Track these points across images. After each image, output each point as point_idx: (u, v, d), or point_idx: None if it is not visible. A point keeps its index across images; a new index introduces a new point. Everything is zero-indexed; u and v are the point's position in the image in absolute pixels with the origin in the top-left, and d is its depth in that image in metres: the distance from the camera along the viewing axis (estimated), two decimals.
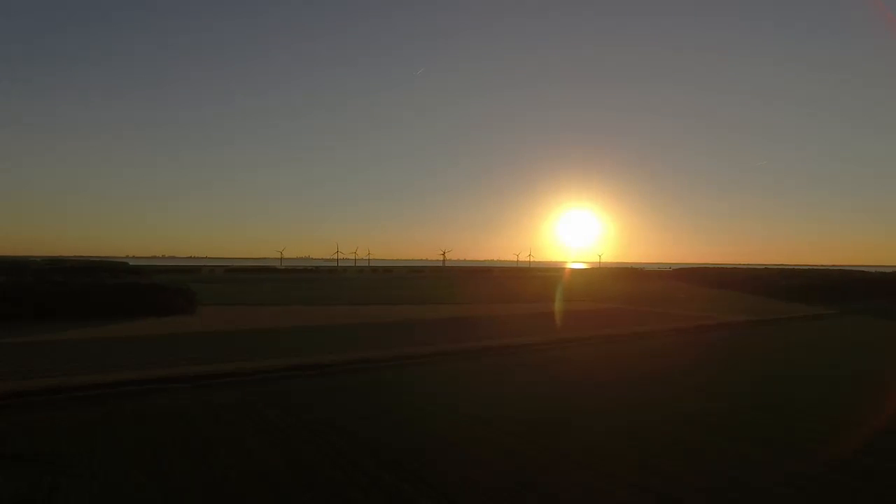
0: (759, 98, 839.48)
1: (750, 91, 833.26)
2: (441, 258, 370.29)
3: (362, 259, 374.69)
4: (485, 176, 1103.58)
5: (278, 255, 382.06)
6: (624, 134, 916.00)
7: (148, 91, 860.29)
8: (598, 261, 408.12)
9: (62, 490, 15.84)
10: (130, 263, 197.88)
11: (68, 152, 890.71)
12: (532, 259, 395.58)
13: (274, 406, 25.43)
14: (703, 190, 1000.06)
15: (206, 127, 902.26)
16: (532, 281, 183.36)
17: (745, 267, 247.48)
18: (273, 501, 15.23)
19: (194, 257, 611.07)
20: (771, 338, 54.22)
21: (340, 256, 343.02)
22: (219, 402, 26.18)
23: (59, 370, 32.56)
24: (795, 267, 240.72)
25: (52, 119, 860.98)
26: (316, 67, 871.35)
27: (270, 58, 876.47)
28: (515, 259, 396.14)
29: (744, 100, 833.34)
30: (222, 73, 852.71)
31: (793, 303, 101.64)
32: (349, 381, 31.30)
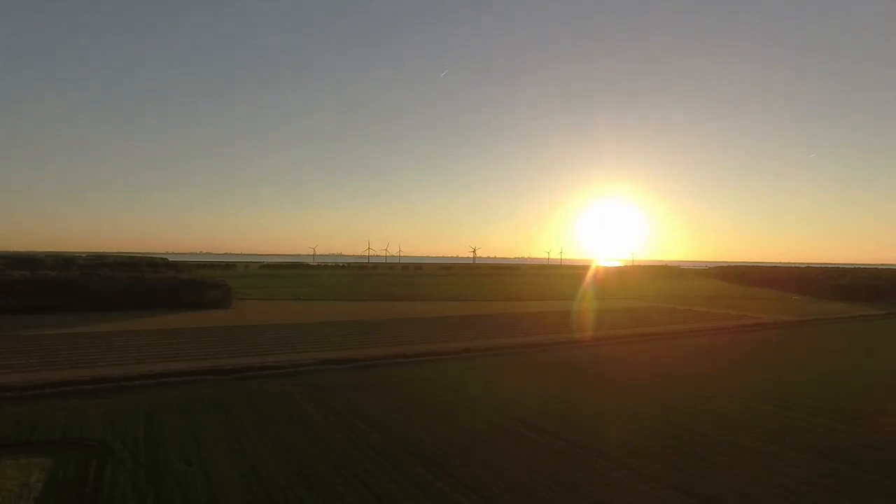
0: (801, 92, 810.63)
1: (789, 87, 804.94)
2: (471, 255, 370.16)
3: (392, 256, 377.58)
4: (515, 173, 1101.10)
5: (311, 252, 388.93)
6: (657, 131, 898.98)
7: (186, 94, 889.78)
8: (630, 258, 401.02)
9: (107, 475, 16.28)
10: (169, 259, 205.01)
11: (112, 154, 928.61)
12: (563, 256, 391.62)
13: (309, 398, 25.81)
14: (740, 187, 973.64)
15: (240, 127, 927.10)
16: (564, 278, 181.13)
17: (787, 265, 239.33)
18: (310, 493, 15.33)
19: (230, 253, 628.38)
20: (816, 338, 52.06)
21: (371, 253, 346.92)
22: (257, 393, 26.68)
23: (107, 360, 33.83)
24: (841, 266, 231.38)
25: (89, 122, 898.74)
26: (348, 71, 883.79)
27: (305, 62, 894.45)
28: (546, 256, 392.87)
29: (785, 93, 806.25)
30: (260, 77, 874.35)
31: (839, 302, 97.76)
32: (381, 376, 31.49)
